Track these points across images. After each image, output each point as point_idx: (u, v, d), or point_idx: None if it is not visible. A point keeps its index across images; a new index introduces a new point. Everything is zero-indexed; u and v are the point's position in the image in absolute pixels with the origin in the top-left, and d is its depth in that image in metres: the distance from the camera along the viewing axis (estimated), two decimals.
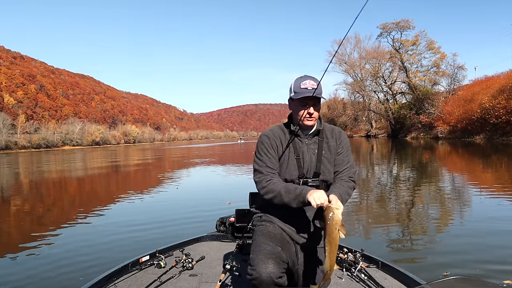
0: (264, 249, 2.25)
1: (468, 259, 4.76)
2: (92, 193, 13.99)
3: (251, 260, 2.23)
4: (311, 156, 2.49)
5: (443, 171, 16.15)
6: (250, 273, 2.17)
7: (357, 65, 75.53)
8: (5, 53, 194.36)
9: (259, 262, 2.17)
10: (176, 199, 10.65)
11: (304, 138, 2.52)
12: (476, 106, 43.10)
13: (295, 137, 2.52)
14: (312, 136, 2.54)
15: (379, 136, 73.63)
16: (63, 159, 42.64)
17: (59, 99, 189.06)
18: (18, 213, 10.01)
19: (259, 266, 2.15)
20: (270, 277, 2.11)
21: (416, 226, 6.81)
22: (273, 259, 2.18)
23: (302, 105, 2.44)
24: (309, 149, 2.51)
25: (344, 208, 2.17)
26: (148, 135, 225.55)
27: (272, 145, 2.49)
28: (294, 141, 2.51)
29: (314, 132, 2.55)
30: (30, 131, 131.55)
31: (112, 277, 3.25)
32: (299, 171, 2.46)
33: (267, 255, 2.21)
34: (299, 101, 2.44)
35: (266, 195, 2.41)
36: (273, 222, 2.49)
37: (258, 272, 2.13)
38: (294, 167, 2.46)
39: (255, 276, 2.13)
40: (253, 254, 2.27)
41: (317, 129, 2.54)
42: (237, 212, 4.26)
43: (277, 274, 2.14)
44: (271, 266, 2.14)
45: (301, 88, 2.42)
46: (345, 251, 3.67)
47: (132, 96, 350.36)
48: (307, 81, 2.44)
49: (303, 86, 2.42)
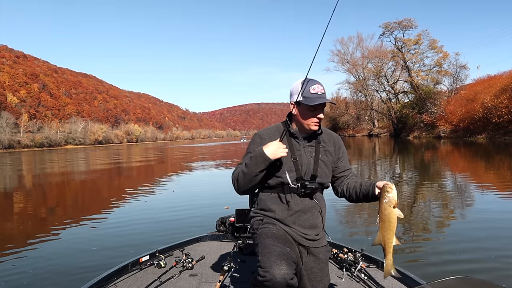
0: (274, 251, 2.21)
1: (469, 260, 4.76)
2: (93, 194, 14.01)
3: (262, 263, 2.17)
4: (308, 158, 2.49)
5: (445, 171, 16.09)
6: (263, 275, 2.10)
7: (360, 64, 75.29)
8: (8, 52, 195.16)
9: (272, 263, 2.12)
10: (176, 199, 10.64)
11: (302, 140, 2.52)
12: (479, 105, 42.90)
13: (293, 139, 2.51)
14: (310, 139, 2.54)
15: (381, 135, 73.47)
16: (65, 159, 42.74)
17: (62, 98, 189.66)
18: (19, 214, 10.04)
19: (272, 268, 2.09)
20: (284, 279, 2.06)
21: (417, 226, 6.80)
22: (285, 260, 2.15)
23: (311, 110, 2.42)
24: (307, 152, 2.50)
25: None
26: (150, 134, 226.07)
27: (262, 145, 2.46)
28: (292, 143, 2.50)
29: (312, 135, 2.55)
30: (33, 130, 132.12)
31: (112, 277, 3.26)
32: (297, 173, 2.45)
33: (279, 256, 2.17)
34: (308, 106, 2.41)
35: (234, 182, 2.46)
36: (275, 224, 2.48)
37: (272, 274, 2.07)
38: (291, 169, 2.45)
39: (269, 278, 2.07)
40: (263, 256, 2.22)
41: (316, 132, 2.54)
42: (237, 212, 4.27)
43: (291, 275, 2.10)
44: (284, 267, 2.10)
45: (311, 93, 2.39)
46: (345, 251, 3.67)
47: (135, 95, 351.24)
48: (316, 85, 2.41)
49: (313, 91, 2.39)
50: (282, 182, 2.46)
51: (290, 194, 2.47)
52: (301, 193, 2.44)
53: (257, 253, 2.32)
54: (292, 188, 2.45)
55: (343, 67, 76.51)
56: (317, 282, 2.50)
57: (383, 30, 66.85)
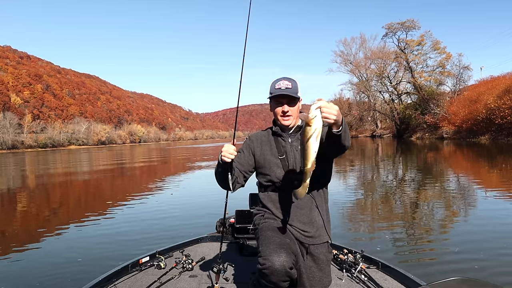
0: (274, 241, 2.25)
1: (469, 260, 4.74)
2: (95, 195, 14.03)
3: (262, 252, 2.20)
4: (294, 153, 2.55)
5: (447, 172, 16.06)
6: (262, 262, 2.12)
7: (363, 65, 75.23)
8: (12, 53, 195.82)
9: (272, 251, 2.14)
10: (176, 200, 10.65)
11: (287, 137, 2.60)
12: (482, 106, 42.80)
13: (278, 137, 2.61)
14: (294, 133, 2.60)
15: (384, 136, 73.38)
16: (69, 160, 42.81)
17: (65, 99, 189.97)
18: (21, 214, 10.07)
19: (271, 255, 2.11)
20: (283, 266, 2.07)
21: (417, 227, 6.78)
22: (285, 249, 2.17)
23: (277, 105, 2.55)
24: (292, 147, 2.57)
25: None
26: (153, 134, 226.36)
27: (250, 146, 2.63)
28: (278, 141, 2.60)
29: (295, 129, 2.60)
30: (36, 131, 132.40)
31: (112, 278, 3.27)
32: (284, 169, 2.52)
33: (279, 245, 2.20)
34: (274, 101, 2.56)
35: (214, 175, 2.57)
36: (275, 219, 2.53)
37: (271, 261, 2.08)
38: (277, 167, 2.54)
39: (268, 265, 2.08)
40: (263, 246, 2.24)
41: (297, 126, 2.60)
42: (237, 213, 4.27)
43: (290, 264, 2.12)
44: (283, 255, 2.12)
45: (275, 88, 2.53)
46: (345, 252, 3.67)
47: (138, 96, 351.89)
48: (281, 81, 2.55)
49: (277, 87, 2.53)
50: (271, 180, 2.55)
51: (282, 192, 2.53)
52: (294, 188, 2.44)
53: (258, 246, 2.35)
54: (283, 185, 2.52)
55: (346, 68, 76.58)
56: (316, 282, 2.50)
57: (386, 31, 67.00)
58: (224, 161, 2.35)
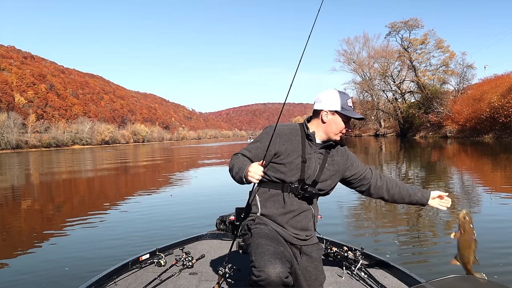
0: (268, 250, 2.18)
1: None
2: (96, 194, 14.07)
3: (255, 262, 2.14)
4: (316, 164, 2.50)
5: (451, 171, 16.00)
6: (257, 274, 2.07)
7: (366, 64, 75.12)
8: (16, 53, 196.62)
9: (266, 262, 2.09)
10: (176, 198, 10.67)
11: (315, 145, 2.53)
12: (485, 105, 42.63)
13: (308, 141, 2.52)
14: (321, 146, 2.55)
15: (387, 135, 73.27)
16: (72, 159, 42.95)
17: (69, 99, 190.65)
18: (25, 212, 10.13)
19: (267, 267, 2.06)
20: (279, 277, 2.03)
21: (417, 225, 6.78)
22: (279, 259, 2.12)
23: (344, 122, 2.51)
24: (316, 157, 2.51)
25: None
26: (157, 134, 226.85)
27: (274, 141, 2.45)
28: (305, 144, 2.51)
29: (325, 144, 2.56)
30: (40, 131, 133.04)
31: (112, 275, 3.27)
32: (301, 175, 2.45)
33: (273, 255, 2.14)
34: (343, 117, 2.49)
35: (230, 171, 2.48)
36: (266, 224, 2.46)
37: (266, 273, 2.03)
38: (297, 170, 2.45)
39: (264, 277, 2.03)
40: (256, 256, 2.18)
41: (331, 143, 2.57)
42: (237, 210, 4.26)
43: (285, 274, 2.08)
44: (279, 266, 2.07)
45: (349, 105, 2.50)
46: (345, 250, 3.66)
47: (141, 96, 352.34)
48: (350, 100, 2.53)
49: (350, 104, 2.51)
50: (284, 180, 2.46)
51: (288, 193, 2.46)
52: (299, 194, 2.44)
53: (250, 253, 2.30)
54: (293, 188, 2.45)
55: (349, 67, 76.43)
56: (312, 281, 2.50)
57: (389, 30, 66.76)
58: (249, 181, 2.28)
